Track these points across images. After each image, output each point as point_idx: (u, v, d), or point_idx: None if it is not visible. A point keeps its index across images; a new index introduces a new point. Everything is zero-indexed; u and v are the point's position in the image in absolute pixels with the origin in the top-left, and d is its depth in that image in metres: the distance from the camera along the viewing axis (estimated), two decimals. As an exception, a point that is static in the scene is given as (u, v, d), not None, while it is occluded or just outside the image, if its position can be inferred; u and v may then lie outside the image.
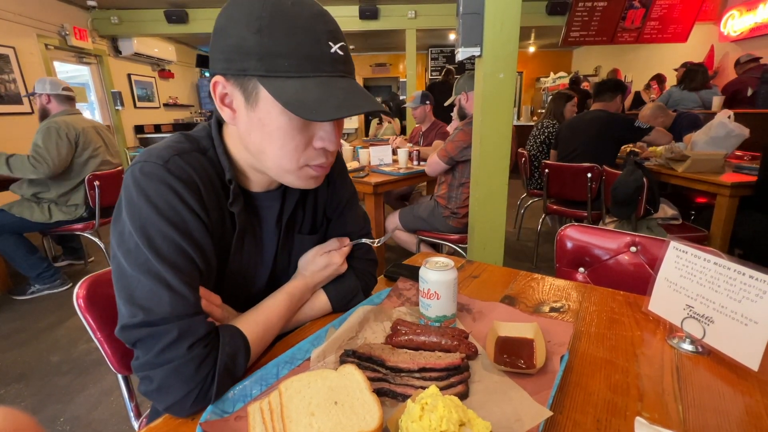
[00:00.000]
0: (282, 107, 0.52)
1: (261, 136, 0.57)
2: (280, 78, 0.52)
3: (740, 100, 3.97)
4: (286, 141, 0.56)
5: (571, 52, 9.17)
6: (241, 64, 0.53)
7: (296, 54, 0.51)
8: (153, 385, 0.50)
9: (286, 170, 0.60)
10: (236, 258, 0.66)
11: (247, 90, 0.54)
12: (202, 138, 0.64)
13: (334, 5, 5.45)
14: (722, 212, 2.07)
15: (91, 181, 2.53)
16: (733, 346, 0.58)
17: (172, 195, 0.54)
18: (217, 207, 0.61)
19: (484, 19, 1.58)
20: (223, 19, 0.54)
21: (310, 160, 0.60)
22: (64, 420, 1.60)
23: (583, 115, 2.87)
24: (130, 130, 5.97)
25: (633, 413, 0.50)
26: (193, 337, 0.51)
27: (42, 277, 2.67)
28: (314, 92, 0.51)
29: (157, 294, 0.51)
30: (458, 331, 0.64)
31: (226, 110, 0.58)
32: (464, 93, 2.28)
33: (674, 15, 5.15)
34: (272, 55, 0.51)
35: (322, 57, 0.53)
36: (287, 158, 0.58)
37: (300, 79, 0.52)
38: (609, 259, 1.04)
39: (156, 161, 0.55)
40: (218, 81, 0.56)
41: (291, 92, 0.51)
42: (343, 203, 0.80)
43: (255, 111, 0.55)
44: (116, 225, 0.55)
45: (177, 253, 0.53)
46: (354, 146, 3.19)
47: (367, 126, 9.21)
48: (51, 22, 4.56)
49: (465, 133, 2.09)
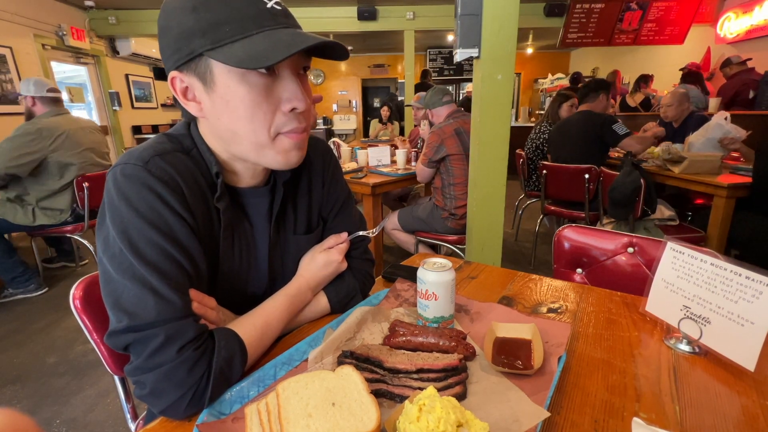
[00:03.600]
0: (240, 77, 0.53)
1: (228, 115, 0.56)
2: (226, 44, 0.51)
3: (740, 102, 3.99)
4: (254, 111, 0.55)
5: (569, 53, 9.20)
6: (188, 47, 0.53)
7: (235, 17, 0.52)
8: (146, 390, 0.50)
9: (261, 144, 0.58)
10: (227, 258, 0.65)
11: (201, 73, 0.54)
12: (184, 137, 0.63)
13: (333, 6, 5.46)
14: (719, 213, 2.08)
15: (80, 182, 2.49)
16: (729, 346, 0.58)
17: (153, 197, 0.53)
18: (204, 207, 0.60)
19: (482, 20, 1.59)
20: (162, 19, 0.55)
21: (283, 126, 0.58)
22: (60, 422, 1.59)
23: (570, 118, 2.89)
24: (127, 131, 5.95)
25: (630, 414, 0.50)
26: (182, 341, 0.50)
27: (16, 281, 2.62)
28: (261, 44, 0.51)
29: (143, 299, 0.50)
30: (456, 332, 0.64)
31: (191, 104, 0.58)
32: (430, 111, 2.39)
33: (671, 17, 5.18)
34: (213, 25, 0.51)
35: (260, 13, 0.53)
36: (259, 129, 0.56)
37: (246, 39, 0.52)
38: (606, 260, 1.04)
39: (136, 163, 0.54)
40: (174, 76, 0.57)
41: (240, 52, 0.51)
42: (338, 204, 0.80)
43: (215, 91, 0.55)
44: (100, 229, 0.55)
45: (161, 257, 0.52)
46: (352, 147, 3.19)
47: (365, 127, 9.22)
48: (48, 22, 4.54)
49: (435, 135, 2.19)
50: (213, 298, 0.62)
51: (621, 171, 2.24)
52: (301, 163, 0.63)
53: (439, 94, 2.35)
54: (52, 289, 2.79)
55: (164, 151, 0.58)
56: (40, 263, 2.90)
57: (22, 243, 3.16)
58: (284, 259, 0.74)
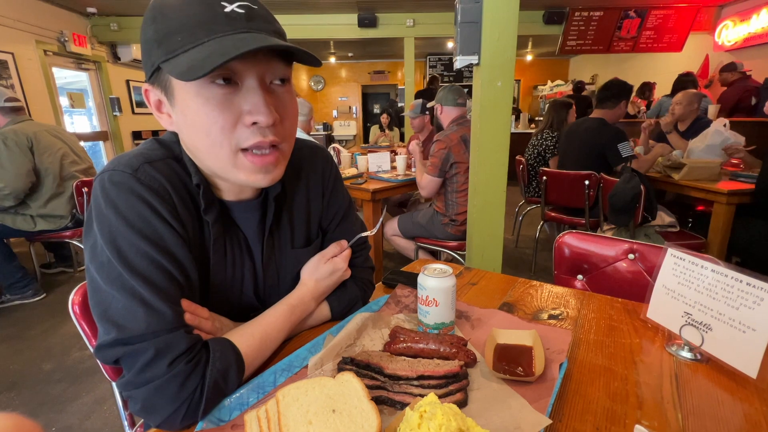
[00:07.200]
0: (195, 89, 0.50)
1: (188, 129, 0.53)
2: (178, 55, 0.48)
3: (742, 109, 4.02)
4: (210, 124, 0.51)
5: (568, 60, 9.26)
6: (150, 60, 0.51)
7: (187, 26, 0.48)
8: (138, 405, 0.49)
9: (221, 160, 0.54)
10: (219, 269, 0.63)
11: (164, 86, 0.53)
12: (174, 144, 0.61)
13: (333, 13, 5.50)
14: (719, 220, 2.08)
15: (79, 187, 2.49)
16: (731, 353, 0.58)
17: (142, 205, 0.52)
18: (194, 216, 0.58)
19: (482, 28, 1.60)
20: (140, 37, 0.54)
21: (243, 140, 0.52)
22: (56, 430, 1.58)
23: (580, 122, 2.79)
24: (127, 136, 5.97)
25: (632, 421, 0.49)
26: (173, 354, 0.49)
27: (14, 287, 2.61)
28: (204, 52, 0.47)
29: (132, 310, 0.49)
30: (457, 338, 0.63)
31: (163, 117, 0.57)
32: (439, 105, 2.31)
33: (669, 25, 5.23)
34: (167, 35, 0.49)
35: (214, 18, 0.49)
36: (217, 144, 0.52)
37: (196, 48, 0.48)
38: (607, 266, 1.04)
39: (125, 170, 0.52)
40: (147, 89, 0.56)
41: (183, 63, 0.47)
42: (339, 215, 0.78)
43: (176, 105, 0.53)
44: (88, 237, 0.53)
45: (151, 267, 0.51)
46: (352, 153, 3.20)
47: (365, 133, 9.25)
48: (50, 29, 4.57)
49: (441, 142, 2.14)
50: (205, 308, 0.60)
51: (621, 177, 2.24)
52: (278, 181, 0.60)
53: (455, 93, 2.26)
54: (50, 294, 2.78)
55: (154, 158, 0.56)
56: (38, 268, 2.89)
57: (20, 248, 3.15)
58: (280, 272, 0.71)
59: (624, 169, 2.27)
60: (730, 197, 2.02)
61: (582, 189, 2.58)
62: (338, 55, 8.97)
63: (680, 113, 2.96)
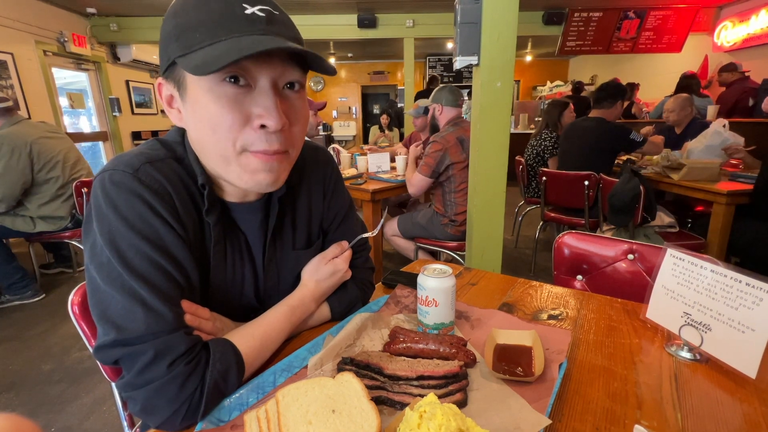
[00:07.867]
0: (208, 86, 0.50)
1: (196, 124, 0.54)
2: (195, 51, 0.49)
3: (740, 109, 4.02)
4: (218, 122, 0.51)
5: (567, 61, 9.27)
6: (167, 54, 0.52)
7: (207, 23, 0.49)
8: (137, 406, 0.49)
9: (225, 158, 0.54)
10: (219, 271, 0.63)
11: (177, 81, 0.53)
12: (177, 144, 0.61)
13: (333, 14, 5.51)
14: (719, 220, 2.08)
15: (79, 188, 2.48)
16: (730, 353, 0.58)
17: (143, 206, 0.51)
18: (194, 218, 0.58)
19: (482, 28, 1.60)
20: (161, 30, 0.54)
21: (250, 144, 0.53)
22: (55, 430, 1.58)
23: (579, 122, 2.80)
24: (127, 136, 5.96)
25: (632, 421, 0.49)
26: (172, 355, 0.49)
27: (13, 288, 2.60)
28: (219, 50, 0.47)
29: (131, 311, 0.49)
30: (456, 338, 0.63)
31: (173, 112, 0.57)
32: (439, 105, 2.31)
33: (668, 26, 5.23)
34: (186, 31, 0.49)
35: (234, 18, 0.49)
36: (222, 142, 0.52)
37: (213, 45, 0.48)
38: (607, 266, 1.04)
39: (125, 170, 0.52)
40: (161, 83, 0.56)
41: (199, 58, 0.47)
42: (340, 216, 0.78)
43: (187, 100, 0.53)
44: (87, 237, 0.52)
45: (151, 267, 0.51)
46: (352, 153, 3.20)
47: (365, 134, 9.25)
48: (50, 29, 4.56)
49: (438, 143, 2.13)
50: (206, 309, 0.60)
51: (620, 178, 2.24)
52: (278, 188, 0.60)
53: (455, 94, 2.28)
54: (49, 295, 2.77)
55: (155, 159, 0.56)
56: (38, 269, 2.89)
57: (20, 248, 3.15)
58: (281, 274, 0.71)
59: (624, 169, 2.28)
60: (730, 198, 2.02)
61: (581, 189, 2.58)
62: (338, 56, 8.98)
63: (675, 120, 3.00)
